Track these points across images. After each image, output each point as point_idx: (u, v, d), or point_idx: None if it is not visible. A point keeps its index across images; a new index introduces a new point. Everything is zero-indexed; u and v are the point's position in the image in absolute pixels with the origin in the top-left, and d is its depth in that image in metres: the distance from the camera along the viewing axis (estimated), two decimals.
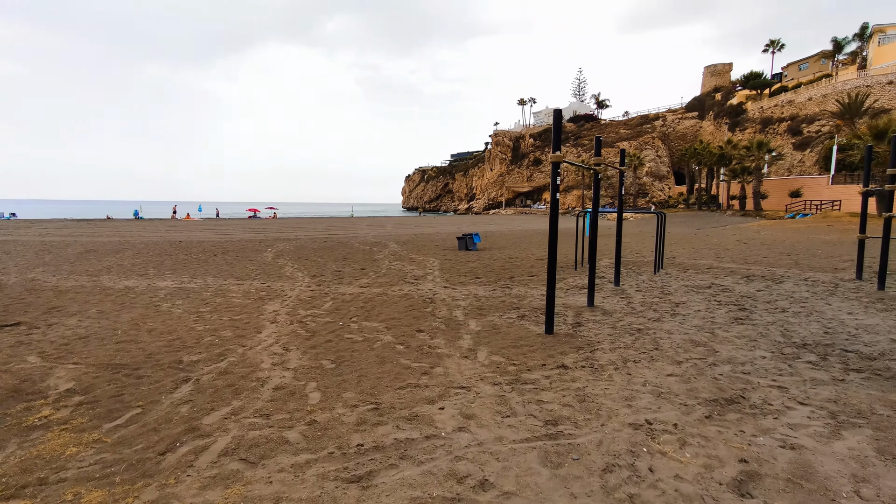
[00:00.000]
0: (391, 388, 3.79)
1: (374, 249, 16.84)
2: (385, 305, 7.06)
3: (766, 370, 4.10)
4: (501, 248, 17.19)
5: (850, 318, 5.98)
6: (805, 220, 28.12)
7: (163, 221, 44.83)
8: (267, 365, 4.41)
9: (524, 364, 4.34)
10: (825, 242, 16.56)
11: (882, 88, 50.86)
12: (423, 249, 16.80)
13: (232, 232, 27.94)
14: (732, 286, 8.35)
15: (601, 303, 7.05)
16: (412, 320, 6.11)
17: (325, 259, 13.46)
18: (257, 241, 20.73)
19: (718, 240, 19.23)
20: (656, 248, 10.14)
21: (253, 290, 8.42)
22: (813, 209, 38.68)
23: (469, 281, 9.31)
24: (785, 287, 8.24)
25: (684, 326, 5.64)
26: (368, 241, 20.52)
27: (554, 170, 4.95)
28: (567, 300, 7.30)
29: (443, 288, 8.51)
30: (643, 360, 4.40)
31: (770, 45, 78.55)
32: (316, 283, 9.16)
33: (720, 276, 9.49)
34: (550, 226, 5.10)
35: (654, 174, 73.63)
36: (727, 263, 11.62)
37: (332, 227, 35.54)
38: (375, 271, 10.85)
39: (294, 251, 15.82)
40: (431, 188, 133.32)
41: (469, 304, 7.04)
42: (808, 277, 9.27)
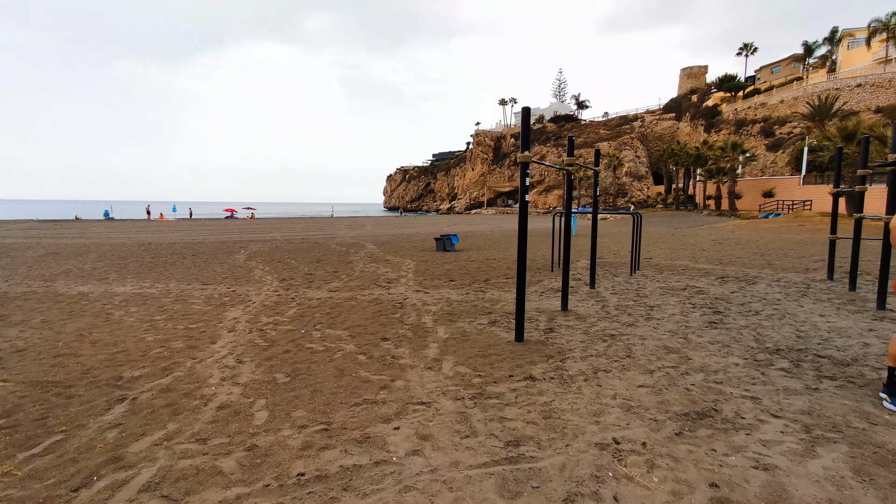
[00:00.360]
0: (345, 405, 3.52)
1: (351, 251, 16.47)
2: (352, 311, 6.77)
3: (738, 379, 3.96)
4: (479, 249, 17.01)
5: (823, 321, 5.93)
6: (777, 220, 28.71)
7: (134, 222, 43.49)
8: (215, 380, 4.09)
9: (490, 375, 4.11)
10: (797, 242, 16.83)
11: (851, 91, 52.49)
12: (400, 251, 16.51)
13: (206, 233, 27.16)
14: (707, 288, 8.30)
15: (575, 307, 6.89)
16: (378, 327, 5.84)
17: (299, 261, 13.06)
18: (231, 242, 20.15)
19: (695, 240, 19.41)
20: (632, 250, 10.06)
21: (216, 296, 8.02)
22: (785, 209, 39.63)
23: (443, 284, 9.07)
24: (758, 288, 8.22)
25: (658, 331, 5.50)
26: (346, 243, 20.12)
27: (523, 170, 4.74)
28: (541, 304, 7.12)
29: (415, 292, 8.25)
30: (614, 369, 4.22)
31: (743, 48, 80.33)
32: (284, 288, 8.80)
33: (695, 278, 9.45)
34: (520, 229, 4.89)
35: (633, 174, 74.62)
36: (702, 264, 11.64)
37: (311, 227, 34.93)
38: (348, 274, 10.53)
39: (267, 253, 15.36)
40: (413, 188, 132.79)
41: (440, 310, 6.80)
42: (781, 278, 9.30)
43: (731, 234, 21.50)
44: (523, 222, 4.83)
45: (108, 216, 48.90)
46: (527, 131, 4.67)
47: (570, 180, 6.33)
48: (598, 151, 7.85)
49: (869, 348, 4.81)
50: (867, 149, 7.65)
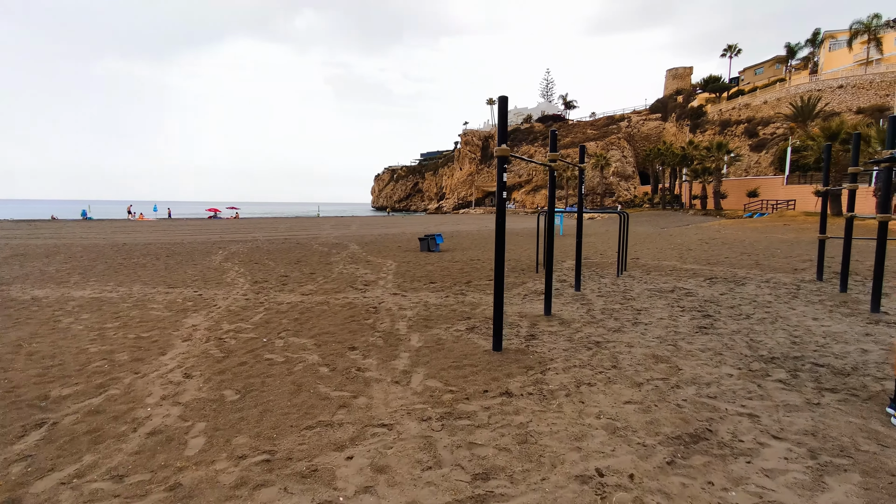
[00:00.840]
0: (296, 429, 3.10)
1: (333, 251, 15.99)
2: (323, 317, 6.33)
3: (733, 392, 3.62)
4: (464, 249, 16.64)
5: (816, 325, 5.65)
6: (762, 220, 28.83)
7: (113, 222, 42.33)
8: (154, 399, 3.64)
9: (463, 391, 3.72)
10: (783, 242, 16.75)
11: (833, 92, 53.23)
12: (383, 251, 16.08)
13: (186, 233, 26.40)
14: (695, 289, 8.02)
15: (560, 311, 6.53)
16: (348, 335, 5.41)
17: (277, 262, 12.56)
18: (211, 242, 19.51)
19: (681, 239, 19.27)
20: (619, 250, 9.77)
21: (180, 300, 7.52)
22: (769, 209, 39.95)
23: (422, 287, 8.67)
24: (748, 290, 7.96)
25: (646, 338, 5.16)
26: (329, 243, 19.62)
27: (500, 165, 4.36)
28: (524, 308, 6.75)
29: (392, 295, 7.84)
30: (599, 382, 3.86)
31: (728, 49, 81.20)
32: (255, 291, 8.32)
33: (683, 279, 9.18)
34: (497, 230, 4.51)
35: (620, 174, 74.94)
36: (690, 264, 11.40)
37: (295, 227, 34.27)
38: (325, 276, 10.07)
39: (246, 254, 14.81)
40: (401, 188, 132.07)
41: (416, 315, 6.40)
42: (770, 279, 9.07)
43: (718, 234, 21.43)
44: (500, 222, 4.45)
45: (86, 216, 47.55)
46: (504, 122, 4.29)
47: (553, 177, 5.97)
48: (583, 148, 7.51)
49: (868, 355, 4.53)
50: (858, 146, 7.43)
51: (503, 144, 4.34)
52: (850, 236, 7.52)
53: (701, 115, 71.57)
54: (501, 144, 4.34)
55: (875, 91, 50.90)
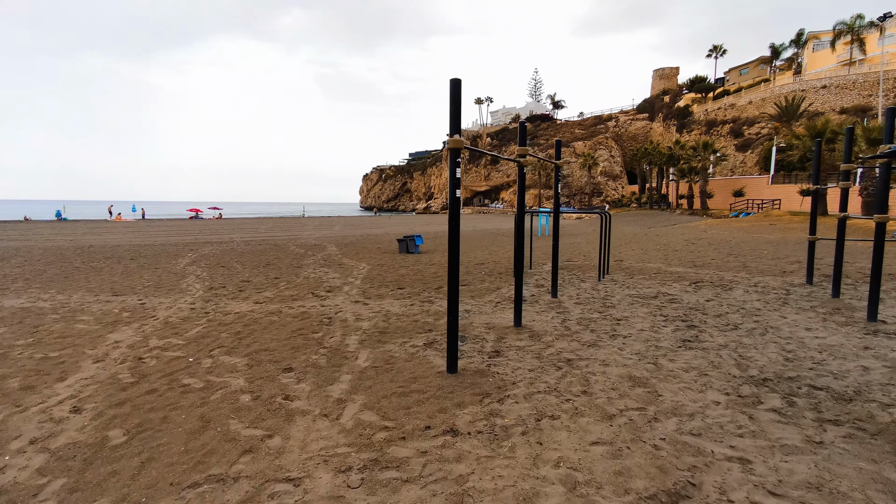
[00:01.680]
0: (177, 488, 2.46)
1: (308, 253, 15.30)
2: (269, 329, 5.67)
3: (721, 427, 3.05)
4: (444, 252, 16.04)
5: (810, 337, 5.13)
6: (748, 219, 28.66)
7: (88, 223, 41.01)
8: (21, 443, 2.97)
9: (401, 427, 3.11)
10: (769, 242, 16.41)
11: (816, 92, 53.61)
12: (361, 252, 15.42)
13: (162, 234, 25.45)
14: (680, 295, 7.49)
15: (532, 321, 5.95)
16: (289, 352, 4.77)
17: (245, 266, 11.84)
18: (183, 244, 18.67)
19: (667, 240, 18.88)
20: (601, 253, 9.23)
21: (117, 311, 6.80)
22: (755, 208, 39.97)
23: (389, 292, 8.04)
24: (735, 295, 7.46)
25: (624, 353, 4.59)
26: (307, 244, 18.91)
27: (452, 158, 3.76)
28: (493, 318, 6.15)
29: (353, 303, 7.20)
30: (565, 414, 3.27)
31: (713, 50, 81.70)
32: (206, 299, 7.62)
33: (667, 283, 8.67)
34: (451, 233, 3.91)
35: (607, 174, 74.95)
36: (675, 267, 10.92)
37: (277, 228, 33.41)
38: (289, 281, 9.39)
39: (216, 256, 14.06)
40: (389, 187, 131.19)
41: (373, 326, 5.77)
42: (758, 283, 8.59)
43: (704, 234, 21.09)
44: (454, 226, 3.84)
45: (61, 216, 46.06)
46: (455, 109, 3.68)
47: (523, 174, 5.38)
48: (558, 142, 6.94)
49: (870, 374, 4.00)
50: (851, 140, 6.95)
51: (456, 135, 3.73)
52: (843, 238, 7.05)
53: (687, 115, 71.85)
54: (454, 135, 3.73)
55: (858, 91, 51.34)
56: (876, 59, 53.08)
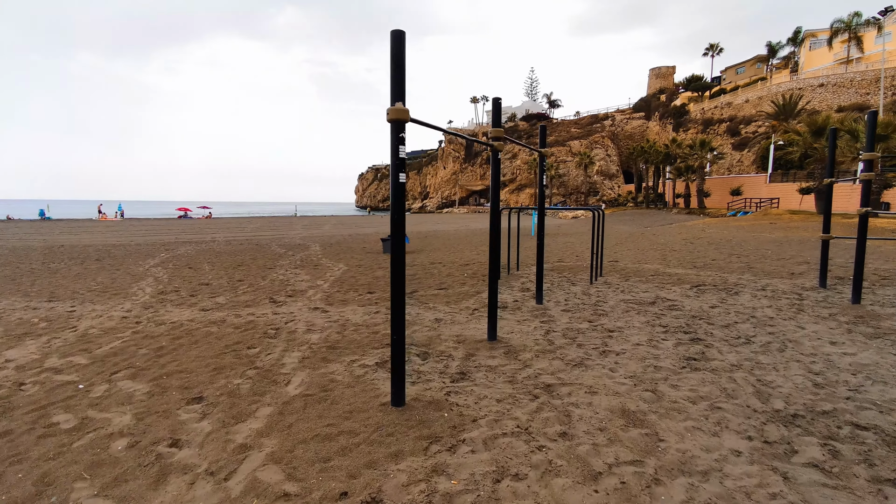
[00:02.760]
0: None
1: (288, 253, 14.46)
2: (200, 344, 4.80)
3: (746, 494, 2.21)
4: (433, 251, 15.22)
5: (838, 354, 4.30)
6: (747, 218, 27.95)
7: (70, 222, 39.95)
8: None
9: (308, 493, 2.25)
10: (772, 241, 15.64)
11: (813, 91, 53.07)
12: (343, 253, 14.59)
13: (144, 234, 24.51)
14: (681, 301, 6.66)
15: (510, 333, 5.10)
16: (208, 375, 3.90)
17: (214, 267, 10.98)
18: (160, 244, 17.78)
19: (665, 239, 18.09)
20: (593, 253, 8.39)
21: (35, 320, 5.91)
22: (753, 207, 39.31)
23: (356, 297, 7.18)
24: (742, 301, 6.64)
25: (616, 377, 3.75)
26: (290, 244, 18.07)
27: (395, 132, 2.91)
28: (467, 329, 5.31)
29: (312, 310, 6.33)
30: (533, 472, 2.42)
31: (710, 48, 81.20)
32: (146, 305, 6.75)
33: (667, 286, 7.84)
34: (393, 227, 3.06)
35: (604, 173, 74.31)
36: (674, 268, 10.10)
37: (265, 227, 32.49)
38: (252, 284, 8.52)
39: (188, 257, 13.19)
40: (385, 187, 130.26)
41: (323, 339, 4.91)
42: (766, 286, 7.78)
43: (703, 233, 20.33)
44: (397, 220, 3.00)
45: (44, 216, 44.92)
46: (400, 70, 2.83)
47: (497, 160, 4.53)
48: (543, 128, 6.10)
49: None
50: (874, 125, 6.13)
51: (399, 103, 2.88)
52: (865, 236, 6.23)
53: (684, 114, 71.27)
54: (396, 102, 2.88)
55: (856, 90, 50.81)
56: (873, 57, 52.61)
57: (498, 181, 4.60)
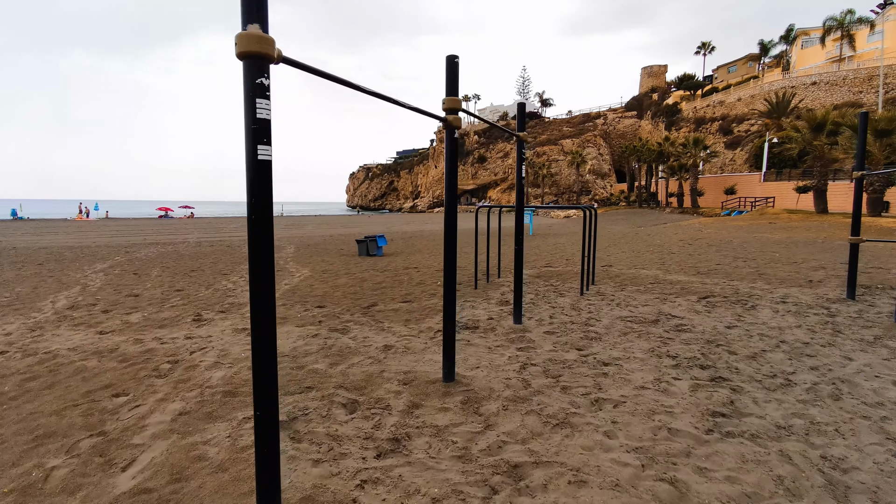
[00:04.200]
0: None
1: None
2: (55, 388, 3.57)
3: None
4: (410, 253, 14.04)
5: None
6: (744, 218, 27.05)
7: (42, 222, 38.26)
8: None
9: None
10: (776, 243, 14.61)
11: (806, 89, 52.52)
12: (315, 255, 13.43)
13: (112, 235, 23.08)
14: (690, 318, 5.52)
15: (475, 368, 3.92)
16: (25, 446, 2.67)
17: (162, 273, 9.76)
18: (122, 246, 16.46)
19: (661, 240, 17.03)
20: (584, 259, 7.23)
21: None
22: (748, 206, 38.53)
23: (299, 314, 5.97)
24: (763, 317, 5.52)
25: (613, 453, 2.58)
26: None
27: (250, 75, 1.71)
28: (420, 362, 4.11)
29: (236, 332, 5.11)
30: None
31: (701, 47, 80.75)
32: (37, 325, 5.48)
33: (670, 298, 6.71)
34: (251, 232, 1.87)
35: (596, 172, 73.51)
36: (675, 274, 8.99)
37: (243, 228, 31.11)
38: (189, 296, 7.28)
39: (142, 261, 11.94)
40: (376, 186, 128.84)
41: (226, 379, 3.69)
42: (786, 297, 6.67)
43: (700, 233, 19.31)
44: (258, 218, 1.80)
45: (16, 215, 43.08)
46: None
47: (453, 139, 3.35)
48: (521, 106, 4.91)
49: None
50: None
51: (252, 26, 1.69)
52: None
53: (676, 113, 70.64)
54: (247, 26, 1.69)
55: (848, 88, 50.30)
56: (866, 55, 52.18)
57: (454, 167, 3.41)
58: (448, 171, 3.39)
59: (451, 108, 3.31)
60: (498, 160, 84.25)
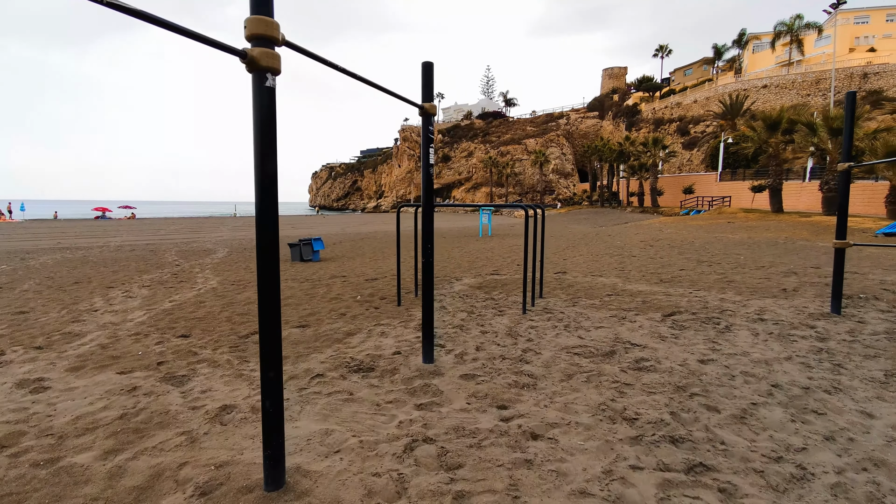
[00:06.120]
0: None
1: (174, 261, 11.56)
2: None
3: None
4: (351, 258, 12.57)
5: None
6: (702, 217, 26.85)
7: None
8: None
9: None
10: (738, 244, 13.95)
11: (758, 91, 53.96)
12: (243, 262, 11.94)
13: (24, 238, 20.45)
14: (654, 349, 4.32)
15: (333, 452, 2.54)
16: None
17: (35, 287, 7.93)
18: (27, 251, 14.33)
19: (621, 241, 16.17)
20: (526, 270, 5.96)
21: None
22: (705, 205, 38.88)
23: (150, 347, 4.42)
24: (742, 344, 4.39)
25: None
26: (195, 249, 15.11)
27: None
28: (256, 440, 2.70)
29: (30, 382, 3.54)
30: None
31: (659, 50, 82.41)
32: None
33: (629, 317, 5.53)
34: None
35: (559, 171, 73.60)
36: (636, 283, 7.90)
37: (186, 229, 28.70)
38: (25, 321, 5.57)
39: (33, 270, 10.21)
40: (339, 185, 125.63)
41: None
42: (763, 312, 5.62)
43: (661, 233, 18.64)
44: None
45: None
46: None
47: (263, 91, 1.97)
48: (427, 67, 3.57)
49: None
50: None
51: None
52: None
53: (636, 114, 71.63)
54: None
55: (797, 91, 51.96)
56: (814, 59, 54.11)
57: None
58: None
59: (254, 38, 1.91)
60: (462, 159, 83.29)
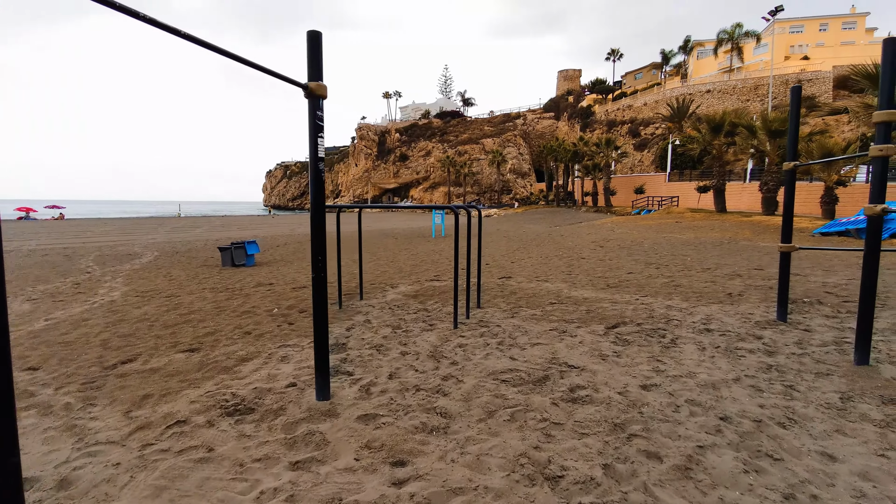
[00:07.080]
0: None
1: (85, 269, 10.31)
2: None
3: None
4: (288, 262, 11.67)
5: None
6: (653, 217, 27.40)
7: None
8: None
9: None
10: (685, 244, 14.01)
11: (702, 96, 56.31)
12: (168, 267, 10.74)
13: None
14: (592, 372, 3.79)
15: None
16: None
17: None
18: None
19: (573, 241, 15.98)
20: (457, 279, 5.37)
21: None
22: (655, 205, 39.97)
23: None
24: (688, 363, 3.95)
25: None
26: (119, 253, 13.76)
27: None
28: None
29: None
30: None
31: (611, 54, 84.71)
32: None
33: (570, 329, 5.02)
34: None
35: (516, 171, 74.23)
36: (582, 288, 7.48)
37: (119, 231, 26.46)
38: None
39: None
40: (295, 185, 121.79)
41: None
42: (709, 320, 5.27)
43: (612, 233, 18.67)
44: None
45: None
46: None
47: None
48: (313, 36, 2.87)
49: None
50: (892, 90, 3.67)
51: None
52: (878, 247, 3.76)
53: (590, 115, 73.27)
54: None
55: (738, 96, 54.59)
56: (752, 66, 56.96)
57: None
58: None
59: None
60: (420, 158, 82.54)
